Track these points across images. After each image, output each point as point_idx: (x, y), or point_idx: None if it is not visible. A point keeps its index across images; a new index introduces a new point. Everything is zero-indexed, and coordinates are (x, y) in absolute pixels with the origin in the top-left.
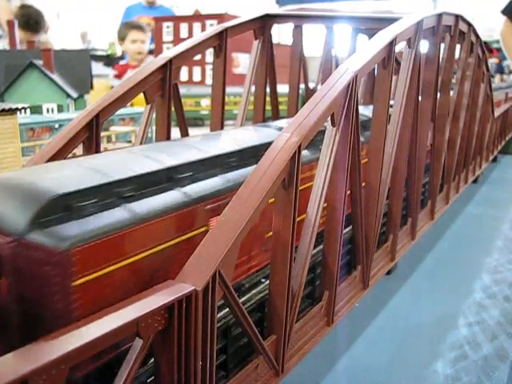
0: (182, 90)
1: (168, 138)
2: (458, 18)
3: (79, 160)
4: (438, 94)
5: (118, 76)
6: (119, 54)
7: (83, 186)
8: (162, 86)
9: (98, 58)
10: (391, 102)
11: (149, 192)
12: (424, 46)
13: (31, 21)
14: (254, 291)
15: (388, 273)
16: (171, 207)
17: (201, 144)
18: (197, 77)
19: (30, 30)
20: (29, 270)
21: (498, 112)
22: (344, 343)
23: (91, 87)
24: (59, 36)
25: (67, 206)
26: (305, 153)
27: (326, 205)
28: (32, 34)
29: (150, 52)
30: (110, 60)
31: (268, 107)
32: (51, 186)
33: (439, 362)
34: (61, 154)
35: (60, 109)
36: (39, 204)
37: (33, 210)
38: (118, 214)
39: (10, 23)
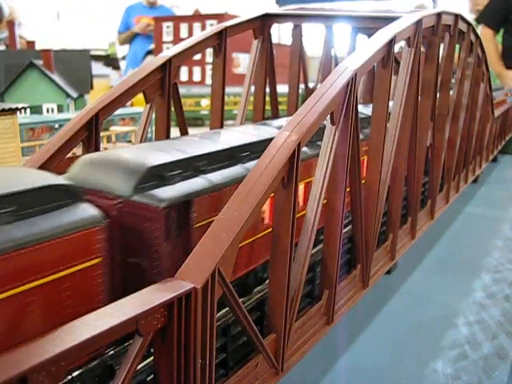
0: (182, 90)
1: (168, 137)
2: (457, 17)
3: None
4: (438, 94)
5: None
6: (119, 54)
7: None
8: (162, 85)
9: (98, 58)
10: (391, 102)
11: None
12: (423, 46)
13: None
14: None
15: (388, 272)
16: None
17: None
18: (197, 77)
19: None
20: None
21: (498, 112)
22: (344, 342)
23: (91, 87)
24: (59, 36)
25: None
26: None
27: (325, 201)
28: None
29: (150, 52)
30: (109, 60)
31: (268, 107)
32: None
33: (439, 361)
34: (60, 153)
35: (60, 109)
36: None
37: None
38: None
39: (9, 23)
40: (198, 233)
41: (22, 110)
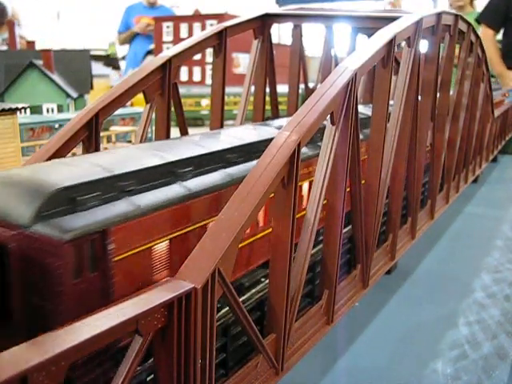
0: (182, 90)
1: (168, 137)
2: (457, 17)
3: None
4: (438, 94)
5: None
6: (119, 54)
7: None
8: (162, 85)
9: (98, 58)
10: (391, 102)
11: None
12: (423, 46)
13: None
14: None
15: (388, 272)
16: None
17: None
18: (197, 77)
19: None
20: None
21: (497, 112)
22: (344, 342)
23: (91, 87)
24: (59, 36)
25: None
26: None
27: (325, 202)
28: None
29: (150, 52)
30: (109, 60)
31: (268, 107)
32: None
33: (439, 361)
34: (60, 153)
35: (60, 109)
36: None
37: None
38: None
39: (9, 23)
40: (119, 267)
41: (22, 110)
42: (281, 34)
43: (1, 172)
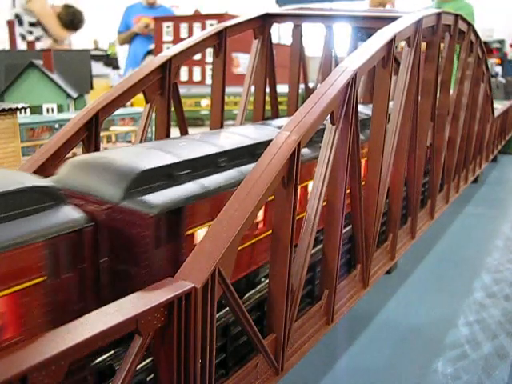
0: (182, 90)
1: (168, 137)
2: (457, 17)
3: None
4: (438, 94)
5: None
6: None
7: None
8: (162, 85)
9: (98, 58)
10: (391, 102)
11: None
12: (423, 45)
13: (75, 20)
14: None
15: (388, 272)
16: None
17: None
18: (197, 77)
19: (73, 29)
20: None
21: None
22: (344, 342)
23: (91, 87)
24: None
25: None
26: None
27: (325, 203)
28: (71, 32)
29: (150, 52)
30: (109, 60)
31: (268, 107)
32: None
33: (439, 361)
34: (60, 153)
35: (60, 109)
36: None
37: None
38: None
39: (10, 23)
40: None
41: (22, 110)
42: (281, 34)
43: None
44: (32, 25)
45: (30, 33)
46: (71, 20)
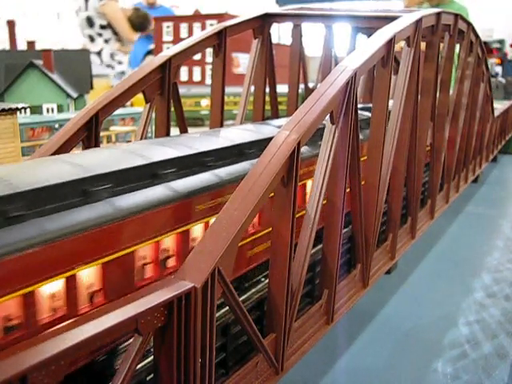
0: (182, 90)
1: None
2: (457, 17)
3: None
4: (438, 94)
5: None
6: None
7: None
8: (162, 84)
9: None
10: (390, 102)
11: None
12: (423, 45)
13: (145, 22)
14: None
15: (388, 272)
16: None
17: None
18: (197, 77)
19: (142, 31)
20: None
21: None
22: (344, 342)
23: (91, 87)
24: (59, 36)
25: None
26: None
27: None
28: (138, 34)
29: (150, 52)
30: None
31: (267, 107)
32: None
33: (439, 360)
34: (60, 153)
35: (60, 109)
36: None
37: None
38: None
39: (10, 23)
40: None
41: (22, 110)
42: (281, 33)
43: None
44: (103, 27)
45: (100, 35)
46: (141, 22)
